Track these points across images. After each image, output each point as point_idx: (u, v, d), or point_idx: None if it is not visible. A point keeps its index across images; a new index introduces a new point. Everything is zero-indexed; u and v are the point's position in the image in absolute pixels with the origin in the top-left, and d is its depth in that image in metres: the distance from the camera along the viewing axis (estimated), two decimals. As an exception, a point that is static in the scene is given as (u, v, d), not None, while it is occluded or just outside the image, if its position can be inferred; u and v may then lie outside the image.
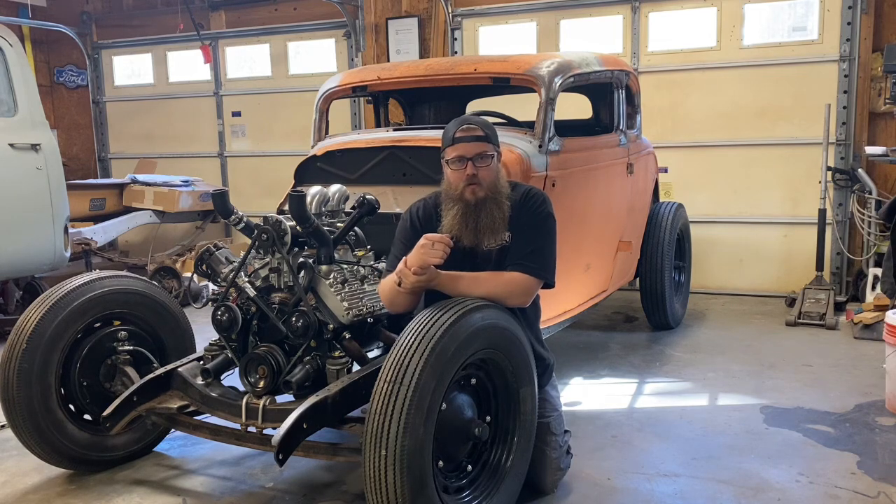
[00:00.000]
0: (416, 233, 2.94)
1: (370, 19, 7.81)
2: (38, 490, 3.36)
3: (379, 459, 2.43)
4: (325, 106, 4.84)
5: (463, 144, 2.89)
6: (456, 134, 2.91)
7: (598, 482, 3.30)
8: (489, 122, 3.05)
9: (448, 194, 2.96)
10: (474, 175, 2.87)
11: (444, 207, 2.96)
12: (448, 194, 2.96)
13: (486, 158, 2.89)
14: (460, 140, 2.89)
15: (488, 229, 2.90)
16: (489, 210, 2.90)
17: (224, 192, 3.38)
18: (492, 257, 2.96)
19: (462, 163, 2.88)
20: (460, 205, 2.91)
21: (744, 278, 6.87)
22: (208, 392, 3.14)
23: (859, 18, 6.25)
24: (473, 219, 2.90)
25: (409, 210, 3.15)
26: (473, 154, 2.88)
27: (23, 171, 5.37)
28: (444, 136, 2.97)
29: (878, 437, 3.73)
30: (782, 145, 6.61)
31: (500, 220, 2.91)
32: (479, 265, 2.95)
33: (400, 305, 2.96)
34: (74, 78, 9.91)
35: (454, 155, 2.90)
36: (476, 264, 2.96)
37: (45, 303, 3.31)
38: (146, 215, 7.49)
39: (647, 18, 6.94)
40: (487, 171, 2.90)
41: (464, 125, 2.93)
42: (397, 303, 2.95)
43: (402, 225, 3.12)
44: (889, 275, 5.21)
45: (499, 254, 2.95)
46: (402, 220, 3.16)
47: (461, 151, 2.88)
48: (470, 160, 2.87)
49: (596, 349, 5.29)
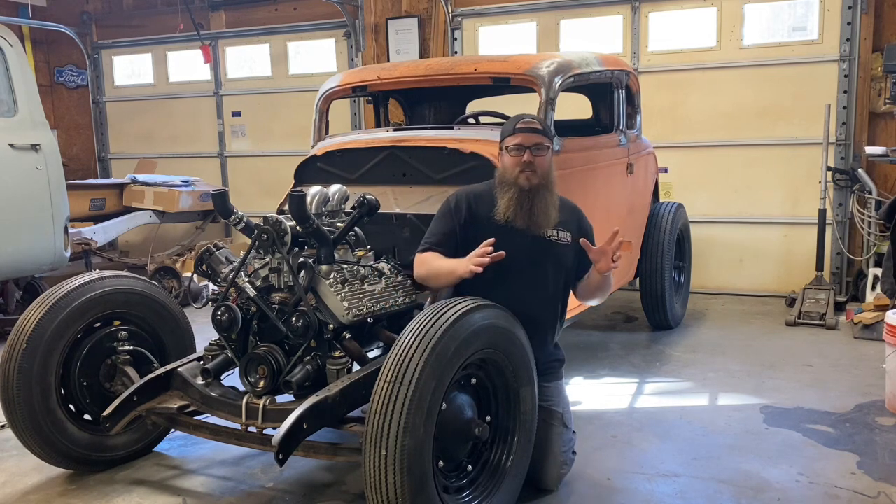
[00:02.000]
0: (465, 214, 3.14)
1: (370, 19, 7.81)
2: (38, 490, 3.36)
3: (379, 459, 2.44)
4: (325, 106, 4.84)
5: (523, 134, 3.10)
6: (517, 125, 3.13)
7: (598, 482, 3.30)
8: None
9: (503, 179, 3.12)
10: (531, 163, 3.06)
11: (500, 191, 3.12)
12: (503, 179, 3.12)
13: (542, 150, 3.10)
14: (521, 130, 3.10)
15: (542, 213, 3.08)
16: (542, 196, 3.09)
17: (224, 192, 3.38)
18: (551, 249, 3.13)
19: (521, 150, 3.08)
20: (515, 189, 3.08)
21: (744, 278, 6.87)
22: (208, 392, 3.14)
23: (859, 18, 6.25)
24: (528, 203, 3.07)
25: (458, 194, 3.23)
26: (532, 144, 3.08)
27: (23, 171, 5.37)
28: (505, 127, 3.19)
29: (878, 437, 3.73)
30: (782, 145, 6.61)
31: (552, 207, 3.11)
32: (536, 250, 3.10)
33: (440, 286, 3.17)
34: (74, 78, 9.91)
35: (514, 142, 3.10)
36: (534, 249, 3.09)
37: (45, 303, 3.31)
38: (146, 215, 7.49)
39: (647, 18, 6.94)
40: (542, 161, 3.09)
41: (525, 118, 3.16)
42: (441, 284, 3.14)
43: (449, 205, 3.21)
44: (889, 275, 5.21)
45: (562, 249, 3.14)
46: (449, 200, 3.23)
47: (521, 140, 3.09)
48: (528, 149, 3.07)
49: (596, 349, 5.29)
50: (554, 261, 3.15)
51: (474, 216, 3.15)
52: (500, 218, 3.08)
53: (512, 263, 3.01)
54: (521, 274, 3.07)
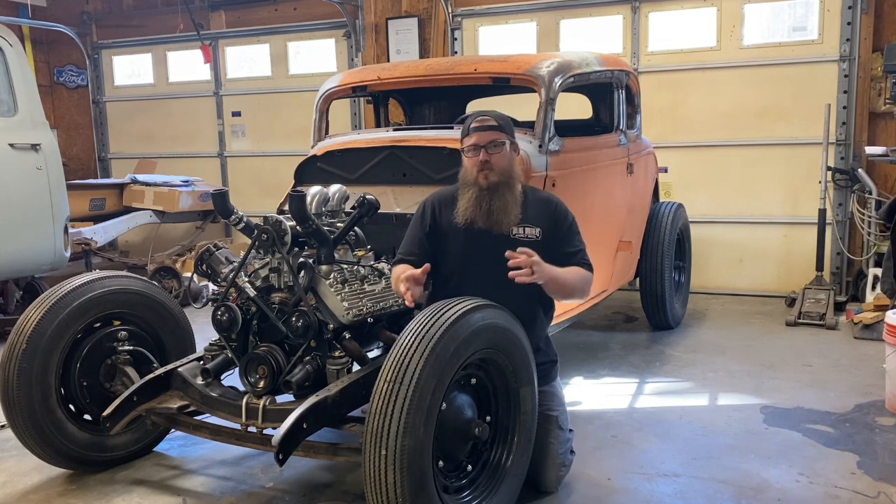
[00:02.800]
0: (429, 221, 3.17)
1: (370, 19, 7.81)
2: (38, 490, 3.36)
3: (379, 459, 2.43)
4: (325, 106, 4.84)
5: (477, 133, 3.08)
6: (472, 125, 3.12)
7: (598, 482, 3.30)
8: (503, 114, 3.20)
9: (464, 181, 3.13)
10: (487, 161, 3.04)
11: (461, 193, 3.13)
12: (464, 181, 3.13)
13: (498, 146, 3.07)
14: (475, 130, 3.10)
15: (500, 211, 3.05)
16: (501, 194, 3.06)
17: (224, 192, 3.38)
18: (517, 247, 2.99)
19: (476, 150, 3.07)
20: (474, 189, 3.07)
21: (744, 278, 6.87)
22: (208, 392, 3.14)
23: (859, 18, 6.25)
24: (486, 202, 3.05)
25: (427, 200, 3.27)
26: (486, 142, 3.06)
27: (23, 171, 5.37)
28: (462, 129, 3.18)
29: (878, 437, 3.73)
30: (782, 145, 6.61)
31: (512, 204, 3.07)
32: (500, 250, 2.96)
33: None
34: (74, 78, 9.91)
35: (470, 143, 3.10)
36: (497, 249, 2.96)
37: (45, 303, 3.31)
38: (146, 215, 7.49)
39: (647, 18, 6.94)
40: (500, 157, 3.07)
41: (479, 117, 3.14)
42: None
43: (419, 214, 3.24)
44: (889, 275, 5.21)
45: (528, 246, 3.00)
46: (419, 209, 3.26)
47: (476, 139, 3.08)
48: (483, 147, 3.05)
49: (596, 349, 5.29)
50: None
51: (437, 222, 3.17)
52: (460, 220, 3.07)
53: (476, 265, 3.04)
54: (487, 275, 3.00)
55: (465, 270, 3.10)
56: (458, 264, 3.12)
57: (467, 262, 3.09)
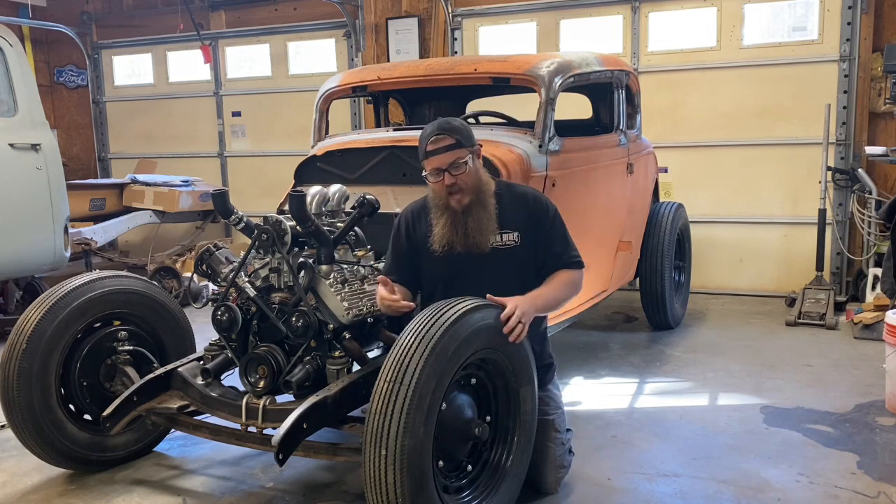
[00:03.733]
0: (408, 240, 3.13)
1: (370, 19, 7.81)
2: (38, 490, 3.36)
3: (379, 459, 2.43)
4: (325, 106, 4.84)
5: (436, 157, 2.91)
6: (427, 148, 2.93)
7: (598, 482, 3.30)
8: (457, 121, 3.05)
9: (436, 203, 3.03)
10: (454, 184, 2.92)
11: (434, 216, 3.04)
12: (436, 203, 3.03)
13: (461, 166, 2.91)
14: (432, 154, 2.92)
15: (477, 232, 2.97)
16: (475, 214, 2.96)
17: (224, 192, 3.38)
18: (496, 256, 3.01)
19: (439, 175, 2.92)
20: (448, 213, 2.98)
21: (744, 278, 6.87)
22: (208, 392, 3.14)
23: (859, 18, 6.25)
24: (462, 225, 2.97)
25: (401, 215, 3.21)
26: (448, 164, 2.90)
27: (23, 171, 5.37)
28: (419, 150, 3.00)
29: (878, 437, 3.73)
30: (782, 145, 6.61)
31: (486, 220, 2.98)
32: (483, 264, 2.99)
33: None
34: (74, 78, 9.91)
35: (430, 168, 2.94)
36: (481, 264, 2.99)
37: (45, 303, 3.31)
38: (146, 215, 7.49)
39: (647, 18, 6.94)
40: (466, 176, 2.93)
41: (433, 137, 2.92)
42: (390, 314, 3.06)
43: (395, 231, 3.20)
44: (889, 275, 5.21)
45: (508, 252, 3.00)
46: (394, 225, 3.22)
47: (436, 164, 2.92)
48: (446, 171, 2.91)
49: (596, 349, 5.29)
50: (502, 267, 3.01)
51: (411, 240, 3.12)
52: (437, 248, 2.99)
53: (457, 279, 3.01)
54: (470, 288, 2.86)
55: (446, 288, 3.03)
56: (440, 281, 3.10)
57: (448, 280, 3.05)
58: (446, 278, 3.08)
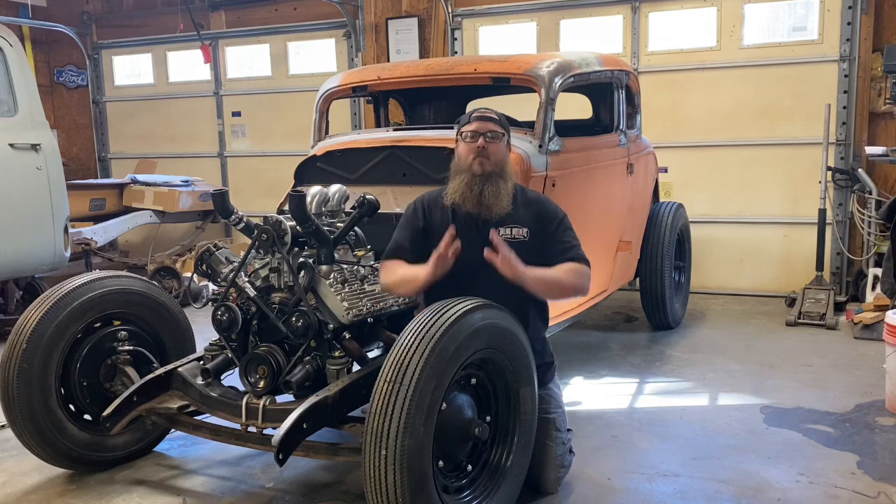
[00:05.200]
0: (421, 220, 3.17)
1: (370, 19, 7.81)
2: (38, 490, 3.36)
3: (379, 459, 2.44)
4: (325, 106, 4.84)
5: (479, 122, 3.10)
6: (474, 114, 3.15)
7: (598, 482, 3.30)
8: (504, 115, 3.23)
9: (457, 168, 3.11)
10: (484, 148, 3.05)
11: (451, 177, 3.11)
12: (457, 168, 3.11)
13: (497, 137, 3.10)
14: (477, 118, 3.12)
15: (492, 196, 3.03)
16: (494, 182, 3.05)
17: (224, 192, 3.38)
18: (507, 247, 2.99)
19: (475, 137, 3.07)
20: (468, 175, 3.06)
21: (744, 278, 6.87)
22: (208, 392, 3.15)
23: (859, 18, 6.25)
24: (478, 187, 3.04)
25: (416, 200, 3.26)
26: (486, 130, 3.08)
27: (23, 171, 5.37)
28: (462, 118, 3.19)
29: (878, 437, 3.73)
30: (782, 145, 6.61)
31: (504, 192, 3.05)
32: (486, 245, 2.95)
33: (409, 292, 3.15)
34: (74, 78, 9.91)
35: (469, 129, 3.10)
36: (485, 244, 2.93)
37: (45, 303, 3.31)
38: (146, 215, 7.49)
39: (647, 18, 6.94)
40: (496, 148, 3.08)
41: (482, 108, 3.18)
42: (408, 290, 3.10)
43: (411, 213, 3.23)
44: (889, 275, 5.21)
45: (515, 247, 2.99)
46: (408, 208, 3.25)
47: (476, 126, 3.09)
48: (482, 135, 3.07)
49: (596, 349, 5.29)
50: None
51: (429, 223, 3.16)
52: (448, 201, 3.08)
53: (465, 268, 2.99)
54: (476, 278, 2.95)
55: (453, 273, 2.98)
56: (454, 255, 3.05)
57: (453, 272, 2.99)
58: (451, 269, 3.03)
